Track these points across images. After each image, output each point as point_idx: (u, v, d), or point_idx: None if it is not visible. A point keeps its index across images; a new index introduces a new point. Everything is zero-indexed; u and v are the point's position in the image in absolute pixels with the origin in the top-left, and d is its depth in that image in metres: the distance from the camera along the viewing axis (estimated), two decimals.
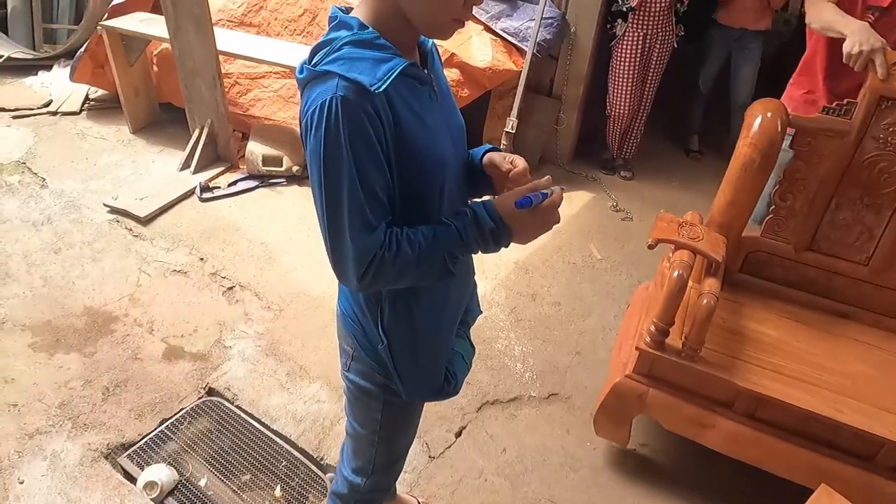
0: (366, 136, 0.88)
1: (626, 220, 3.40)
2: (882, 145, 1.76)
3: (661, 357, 1.74)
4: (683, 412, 1.77)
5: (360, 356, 1.16)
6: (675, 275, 1.64)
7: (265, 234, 2.97)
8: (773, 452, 1.72)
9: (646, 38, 3.34)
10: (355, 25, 0.92)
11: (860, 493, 1.57)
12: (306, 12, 3.47)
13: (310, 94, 0.90)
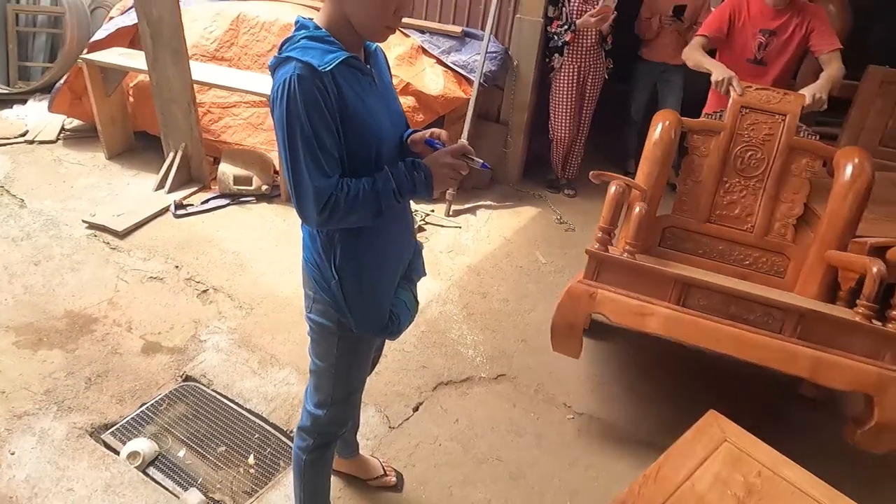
0: (317, 105, 1.15)
1: (570, 230, 3.75)
2: (747, 140, 2.41)
3: (606, 257, 2.07)
4: (627, 305, 2.04)
5: (319, 297, 1.40)
6: (612, 189, 2.18)
7: (236, 244, 3.20)
8: (702, 330, 1.99)
9: (580, 70, 3.78)
10: (311, 27, 1.22)
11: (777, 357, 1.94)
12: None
13: (276, 75, 1.19)
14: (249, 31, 3.82)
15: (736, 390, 2.56)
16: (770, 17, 2.80)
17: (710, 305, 2.01)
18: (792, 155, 2.42)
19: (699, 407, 2.42)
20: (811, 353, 1.92)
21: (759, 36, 2.82)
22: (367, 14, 1.20)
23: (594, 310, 2.07)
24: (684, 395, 2.52)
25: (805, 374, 1.93)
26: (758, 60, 2.87)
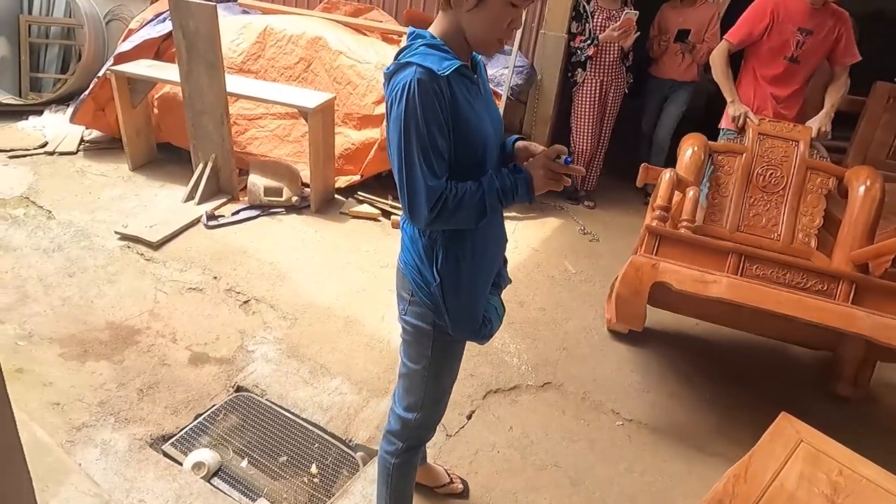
0: (433, 107, 1.21)
1: (594, 241, 3.81)
2: (767, 161, 2.68)
3: (668, 232, 2.20)
4: (690, 274, 2.12)
5: (418, 298, 1.44)
6: (667, 175, 2.39)
7: (272, 255, 3.20)
8: (764, 294, 2.07)
9: (602, 85, 3.87)
10: (428, 36, 1.29)
11: (838, 317, 2.04)
12: (301, 60, 3.84)
13: (395, 79, 1.24)
14: (276, 43, 3.85)
15: (773, 395, 2.63)
16: (807, 15, 2.89)
17: (767, 276, 2.12)
18: (807, 173, 2.64)
19: (739, 412, 2.52)
20: (869, 315, 2.02)
21: (798, 34, 2.92)
22: (482, 28, 1.27)
23: (657, 278, 2.13)
24: (724, 400, 2.59)
25: (867, 332, 2.00)
26: (794, 58, 2.97)
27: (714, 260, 2.16)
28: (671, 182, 2.43)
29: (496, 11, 1.24)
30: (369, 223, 3.64)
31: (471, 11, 1.24)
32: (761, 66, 3.03)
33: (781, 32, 2.93)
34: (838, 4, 3.20)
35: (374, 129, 3.66)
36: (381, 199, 3.74)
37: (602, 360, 2.77)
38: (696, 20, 3.85)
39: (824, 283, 2.09)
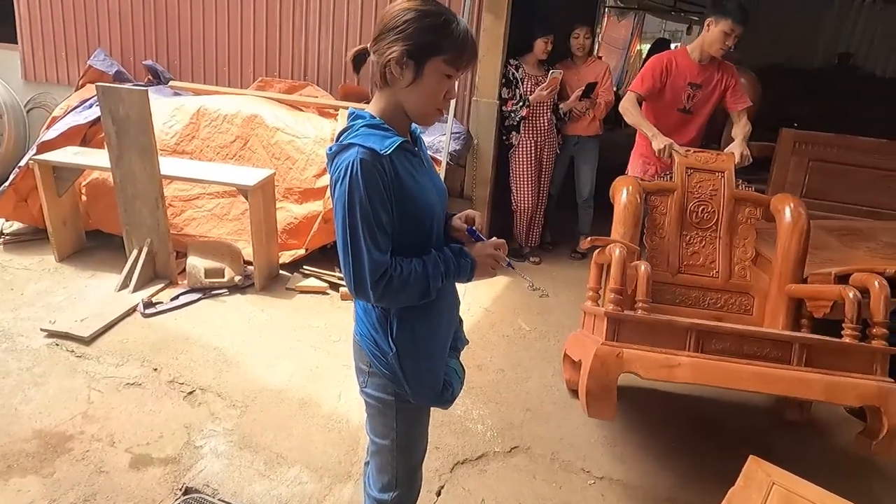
0: (376, 185, 1.23)
1: (544, 296, 3.86)
2: (697, 196, 2.74)
3: (624, 317, 2.16)
4: (655, 360, 2.09)
5: (376, 369, 1.43)
6: (616, 252, 2.30)
7: (217, 340, 3.05)
8: (727, 372, 2.08)
9: (536, 145, 4.04)
10: (367, 116, 1.31)
11: (796, 386, 2.05)
12: (238, 138, 3.81)
13: (338, 159, 1.26)
14: (211, 123, 3.81)
15: (733, 431, 2.67)
16: (696, 71, 3.18)
17: (726, 348, 2.14)
18: (736, 205, 2.77)
19: (704, 455, 2.53)
20: (821, 378, 2.06)
21: (688, 88, 3.20)
22: (420, 101, 1.30)
23: (624, 369, 2.11)
24: (689, 446, 2.59)
25: (821, 398, 2.05)
26: (686, 110, 3.24)
27: (674, 337, 2.15)
28: (621, 259, 2.31)
29: (432, 85, 1.27)
30: (318, 297, 3.55)
31: (408, 87, 1.27)
32: (658, 118, 3.24)
33: (674, 87, 3.19)
34: (737, 59, 3.52)
35: (316, 201, 3.63)
36: (328, 272, 3.67)
37: (566, 417, 2.74)
38: (592, 76, 4.10)
39: (778, 351, 2.13)
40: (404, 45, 1.21)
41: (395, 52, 1.22)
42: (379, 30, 1.25)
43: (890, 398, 2.01)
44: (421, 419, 1.54)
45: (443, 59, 1.24)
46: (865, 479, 2.49)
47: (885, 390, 2.03)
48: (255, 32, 4.28)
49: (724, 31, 2.97)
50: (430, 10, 1.24)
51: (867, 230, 3.79)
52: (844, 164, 4.39)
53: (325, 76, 4.22)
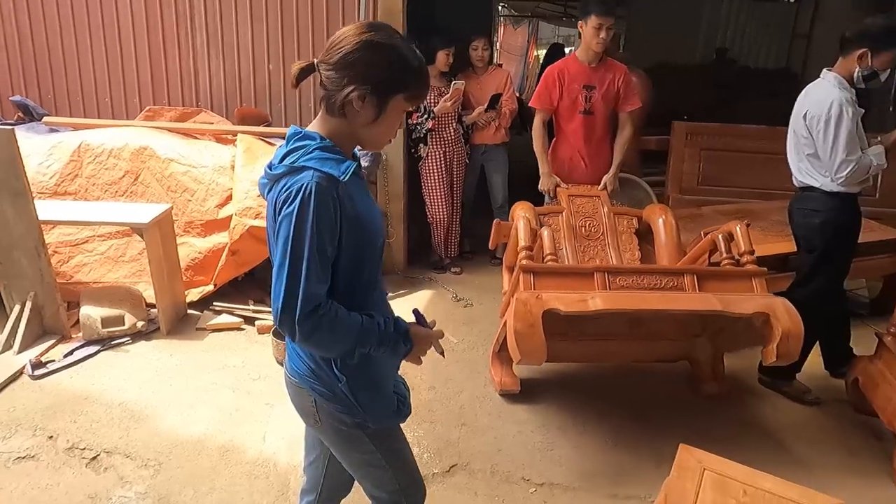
0: (329, 214, 1.17)
1: (468, 306, 3.84)
2: (582, 215, 3.06)
3: (538, 267, 2.42)
4: (570, 297, 2.30)
5: (324, 406, 1.34)
6: (521, 221, 2.61)
7: (121, 394, 2.78)
8: (636, 298, 2.32)
9: (445, 156, 4.03)
10: (318, 138, 1.23)
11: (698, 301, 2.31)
12: (127, 173, 3.53)
13: (286, 181, 1.18)
14: (95, 159, 3.52)
15: (662, 418, 2.74)
16: (588, 74, 3.29)
17: (629, 283, 2.39)
18: (616, 218, 3.05)
19: (638, 446, 2.58)
20: (716, 295, 2.32)
21: (583, 91, 3.32)
22: (379, 135, 1.29)
23: (546, 306, 2.23)
24: (623, 439, 2.63)
25: (720, 308, 2.26)
26: (587, 111, 3.35)
27: (583, 283, 2.38)
28: (527, 223, 2.64)
29: (392, 120, 1.26)
30: (232, 334, 3.34)
31: (368, 124, 1.24)
32: (564, 122, 3.39)
33: (570, 92, 3.31)
34: (627, 59, 3.68)
35: (220, 233, 3.43)
36: (241, 306, 3.47)
37: (502, 427, 2.71)
38: (493, 85, 4.16)
39: (674, 280, 2.39)
40: (366, 85, 1.19)
41: (356, 91, 1.19)
42: (335, 61, 1.20)
43: (775, 305, 2.28)
44: (394, 433, 1.48)
45: (404, 96, 1.24)
46: (786, 444, 2.62)
47: (771, 300, 2.31)
48: (138, 59, 4.01)
49: (593, 26, 3.11)
50: (388, 44, 1.21)
51: (760, 211, 4.06)
52: (733, 150, 4.70)
53: (219, 100, 4.01)
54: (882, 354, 2.70)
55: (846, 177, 2.54)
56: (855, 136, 2.51)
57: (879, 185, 4.49)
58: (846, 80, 2.57)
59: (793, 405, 2.92)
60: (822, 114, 2.53)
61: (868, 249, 3.63)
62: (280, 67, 3.92)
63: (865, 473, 2.46)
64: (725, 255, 2.57)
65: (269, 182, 1.24)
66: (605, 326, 2.93)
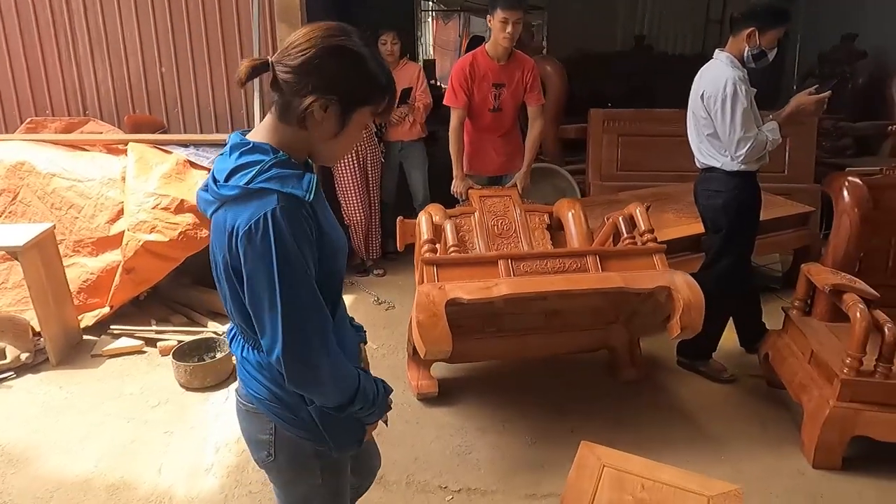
0: (306, 235, 1.08)
1: (390, 308, 3.72)
2: (493, 214, 2.98)
3: (440, 259, 2.43)
4: (473, 285, 2.29)
5: (284, 433, 1.23)
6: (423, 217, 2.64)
7: (1, 437, 2.53)
8: (539, 281, 2.33)
9: (358, 155, 3.89)
10: (269, 149, 1.09)
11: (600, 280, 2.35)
12: (4, 192, 3.24)
13: (244, 208, 1.05)
14: None
15: (578, 413, 2.71)
16: (497, 71, 3.23)
17: (533, 269, 2.40)
18: (527, 216, 3.01)
19: (557, 443, 2.52)
20: (618, 274, 2.36)
21: (493, 89, 3.27)
22: (339, 148, 1.20)
23: (448, 296, 2.20)
24: (543, 438, 2.58)
25: (622, 284, 2.30)
26: (496, 108, 3.31)
27: (487, 271, 2.37)
28: (430, 219, 2.65)
29: (354, 132, 1.16)
30: (132, 359, 3.11)
31: (329, 137, 1.13)
32: (474, 118, 3.34)
33: (480, 90, 3.25)
34: (544, 50, 3.64)
35: (113, 251, 3.18)
36: (143, 327, 3.24)
37: (419, 433, 2.61)
38: (405, 80, 4.06)
39: (577, 262, 2.42)
40: (332, 95, 1.07)
41: (320, 100, 1.07)
42: (297, 64, 1.06)
43: (676, 279, 2.33)
44: (344, 467, 1.37)
45: (371, 110, 1.14)
46: (703, 424, 2.63)
47: (671, 274, 2.37)
48: (14, 67, 3.69)
49: (500, 20, 3.04)
50: (359, 52, 1.09)
51: (675, 193, 4.10)
52: (650, 135, 4.73)
53: (108, 108, 3.74)
54: (788, 329, 2.75)
55: (745, 154, 2.55)
56: (750, 114, 2.53)
57: (787, 160, 4.63)
58: (737, 60, 2.58)
59: (710, 385, 2.95)
60: (718, 93, 2.54)
61: (778, 224, 3.74)
62: (174, 70, 3.69)
63: (777, 447, 2.49)
64: (626, 236, 2.63)
65: (215, 201, 1.11)
66: (522, 321, 2.89)
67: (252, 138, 1.12)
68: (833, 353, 2.38)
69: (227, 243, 1.08)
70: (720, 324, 2.97)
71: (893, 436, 2.24)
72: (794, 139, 4.58)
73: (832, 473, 2.33)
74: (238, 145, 1.11)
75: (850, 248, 2.58)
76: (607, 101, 5.93)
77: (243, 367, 1.25)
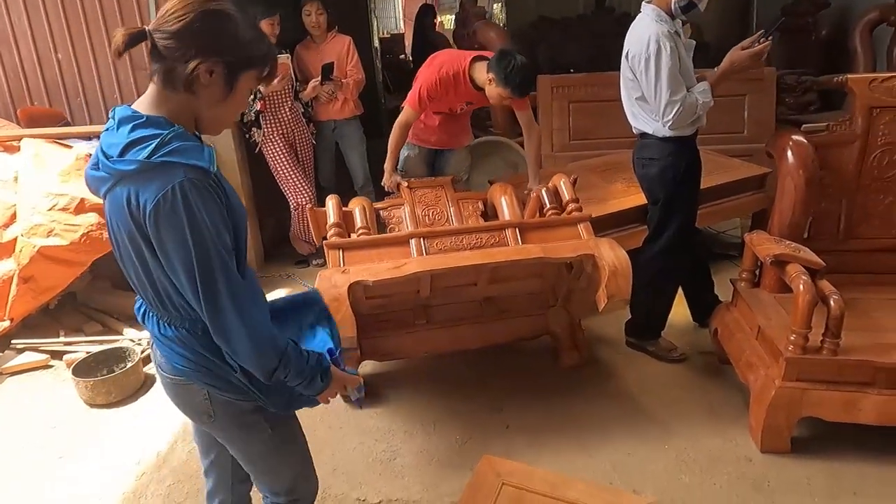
0: (217, 206, 1.07)
1: None
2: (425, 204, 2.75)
3: (345, 242, 2.33)
4: (379, 266, 2.18)
5: (219, 397, 1.24)
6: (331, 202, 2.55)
7: None
8: (453, 257, 2.23)
9: (286, 137, 3.63)
10: (165, 122, 1.07)
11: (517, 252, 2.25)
12: None
13: (148, 183, 1.02)
14: None
15: (515, 408, 2.51)
16: (474, 95, 2.89)
17: (449, 246, 2.28)
18: (460, 204, 2.78)
19: (492, 443, 2.33)
20: (537, 245, 2.25)
21: (463, 105, 3.04)
22: (225, 114, 1.18)
23: (352, 279, 2.09)
24: (476, 438, 2.38)
25: (541, 254, 2.20)
26: (457, 112, 3.11)
27: (398, 253, 2.27)
28: (337, 203, 2.57)
29: (240, 98, 1.16)
30: (36, 375, 2.86)
31: (216, 101, 1.12)
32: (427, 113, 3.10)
33: (450, 102, 2.99)
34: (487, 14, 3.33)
35: (6, 259, 2.91)
36: (50, 339, 2.99)
37: (342, 439, 2.40)
38: (334, 54, 3.77)
39: (496, 237, 2.31)
40: (216, 58, 1.08)
41: (205, 63, 1.07)
42: (175, 30, 1.05)
43: (599, 245, 2.23)
44: (294, 418, 1.41)
45: (256, 73, 1.15)
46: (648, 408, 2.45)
47: (595, 241, 2.26)
48: None
49: (500, 94, 2.70)
50: (235, 14, 1.10)
51: (627, 162, 3.86)
52: (601, 100, 4.46)
53: (1, 101, 3.43)
54: (737, 302, 2.56)
55: (674, 119, 2.32)
56: (677, 74, 2.29)
57: (747, 120, 4.43)
58: (665, 13, 2.33)
59: (659, 365, 2.77)
60: (642, 52, 2.30)
61: (734, 188, 3.54)
62: (71, 56, 3.38)
63: (724, 432, 2.32)
64: (549, 207, 2.52)
65: (110, 178, 1.07)
66: (454, 311, 2.69)
67: (141, 110, 1.09)
68: (780, 328, 2.19)
69: (128, 218, 1.06)
70: (667, 300, 2.78)
71: (843, 415, 2.07)
72: (752, 97, 4.37)
73: (780, 458, 2.16)
74: (129, 118, 1.08)
75: (797, 214, 2.37)
76: (567, 66, 5.68)
77: (162, 344, 1.22)
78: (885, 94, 2.35)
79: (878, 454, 2.12)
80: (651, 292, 2.71)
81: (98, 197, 1.14)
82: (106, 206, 1.12)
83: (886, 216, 2.46)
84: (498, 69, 2.63)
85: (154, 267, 1.10)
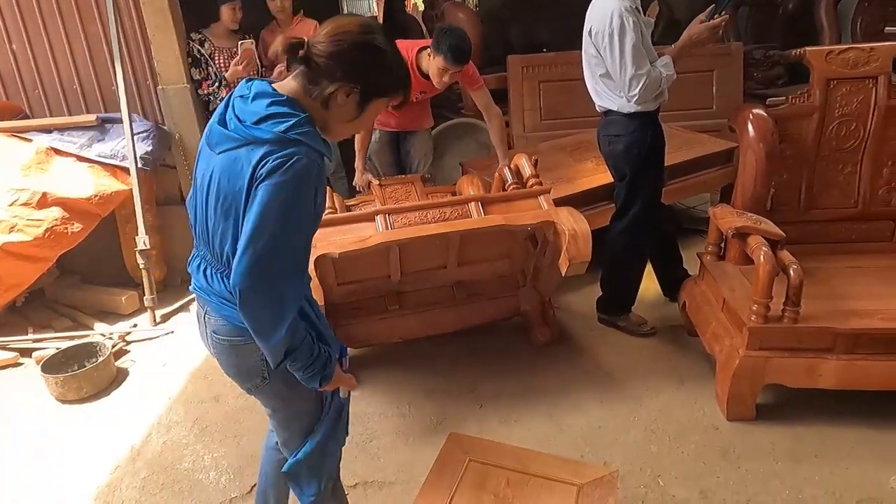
0: (318, 192, 1.17)
1: None
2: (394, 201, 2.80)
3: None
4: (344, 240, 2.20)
5: None
6: None
7: None
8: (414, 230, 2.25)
9: None
10: (300, 106, 1.18)
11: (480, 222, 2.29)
12: None
13: (277, 150, 1.11)
14: None
15: (489, 388, 2.54)
16: (424, 84, 2.91)
17: (413, 221, 2.30)
18: (430, 198, 2.81)
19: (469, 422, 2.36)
20: (499, 215, 2.30)
21: (419, 94, 3.05)
22: (349, 129, 1.31)
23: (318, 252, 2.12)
24: (452, 417, 2.41)
25: (503, 222, 2.26)
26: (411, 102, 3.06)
27: (366, 228, 2.28)
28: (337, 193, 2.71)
29: (367, 119, 1.26)
30: (5, 373, 2.82)
31: (346, 120, 1.24)
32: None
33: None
34: None
35: None
36: (19, 337, 2.94)
37: None
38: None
39: (459, 210, 2.33)
40: (356, 85, 1.19)
41: (345, 87, 1.18)
42: (333, 52, 1.16)
43: (559, 213, 2.28)
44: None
45: (385, 100, 1.25)
46: (619, 382, 2.49)
47: (555, 209, 2.31)
48: None
49: (438, 66, 2.71)
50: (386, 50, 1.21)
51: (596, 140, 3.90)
52: (571, 79, 4.44)
53: None
54: (704, 275, 2.61)
55: (639, 94, 2.34)
56: (641, 49, 2.31)
57: (715, 95, 4.46)
58: None
59: (630, 340, 2.82)
60: (605, 28, 2.30)
61: (704, 163, 3.58)
62: (27, 48, 3.28)
63: (693, 402, 2.37)
64: (511, 182, 2.58)
65: (240, 140, 1.14)
66: (426, 296, 2.71)
67: (282, 92, 1.18)
68: (743, 299, 2.23)
69: (246, 176, 1.12)
70: (636, 275, 2.82)
71: (804, 381, 2.13)
72: (720, 71, 4.41)
73: (746, 425, 2.22)
74: (266, 94, 1.17)
75: (758, 186, 2.41)
76: (542, 46, 5.65)
77: (223, 304, 1.26)
78: (842, 65, 2.39)
79: (837, 418, 2.19)
80: (620, 268, 2.75)
81: (208, 148, 1.21)
82: (215, 160, 1.18)
83: (845, 186, 2.51)
84: (434, 42, 2.71)
85: (241, 226, 1.16)
